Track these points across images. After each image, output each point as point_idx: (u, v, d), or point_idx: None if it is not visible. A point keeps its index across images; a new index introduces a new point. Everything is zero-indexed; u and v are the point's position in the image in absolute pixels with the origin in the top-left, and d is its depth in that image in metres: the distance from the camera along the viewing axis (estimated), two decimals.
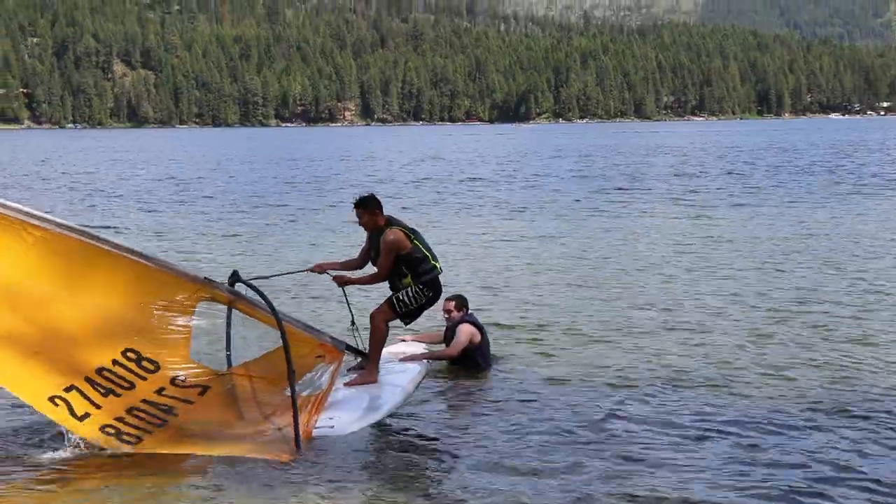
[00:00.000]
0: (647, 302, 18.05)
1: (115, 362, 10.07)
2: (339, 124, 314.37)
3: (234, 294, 10.69)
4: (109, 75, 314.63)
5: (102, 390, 10.11)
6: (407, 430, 11.65)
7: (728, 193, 41.26)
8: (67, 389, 9.97)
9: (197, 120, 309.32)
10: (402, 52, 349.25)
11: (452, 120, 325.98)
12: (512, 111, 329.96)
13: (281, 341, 10.56)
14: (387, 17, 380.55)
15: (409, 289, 12.49)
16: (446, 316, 14.32)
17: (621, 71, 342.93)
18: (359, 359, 12.71)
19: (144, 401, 10.25)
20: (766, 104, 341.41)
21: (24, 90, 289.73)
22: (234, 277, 10.88)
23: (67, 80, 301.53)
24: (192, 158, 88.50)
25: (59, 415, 10.08)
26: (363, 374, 12.49)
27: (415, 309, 12.62)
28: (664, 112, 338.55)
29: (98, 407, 10.14)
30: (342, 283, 12.71)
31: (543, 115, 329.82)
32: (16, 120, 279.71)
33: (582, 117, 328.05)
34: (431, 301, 12.68)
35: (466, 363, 13.89)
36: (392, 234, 12.21)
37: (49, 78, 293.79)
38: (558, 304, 18.04)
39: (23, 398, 10.25)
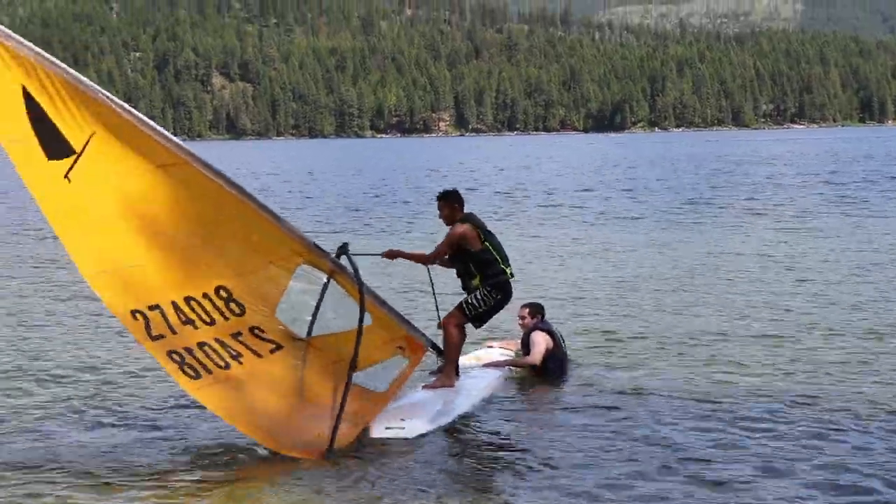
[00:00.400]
0: (735, 314, 17.72)
1: (205, 295, 10.44)
2: (433, 135, 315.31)
3: (336, 266, 11.02)
4: (208, 88, 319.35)
5: (183, 318, 10.41)
6: (479, 435, 11.75)
7: (823, 202, 40.58)
8: (151, 308, 10.26)
9: (293, 131, 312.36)
10: (496, 62, 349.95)
11: (547, 130, 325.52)
12: (607, 120, 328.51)
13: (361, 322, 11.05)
14: (481, 28, 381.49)
15: (478, 291, 12.56)
16: (521, 323, 14.42)
17: (718, 79, 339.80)
18: (440, 360, 12.91)
19: (218, 339, 10.54)
20: (868, 111, 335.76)
21: (127, 103, 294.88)
22: (342, 250, 11.20)
23: (168, 93, 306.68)
24: (288, 169, 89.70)
25: (134, 328, 10.38)
26: (440, 377, 12.64)
27: (484, 312, 12.67)
28: (763, 120, 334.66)
29: (174, 332, 10.40)
30: (391, 255, 12.76)
31: (639, 125, 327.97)
32: None
33: (678, 126, 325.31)
34: (500, 304, 12.72)
35: (542, 369, 13.93)
36: (461, 228, 12.36)
37: (150, 91, 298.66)
38: (642, 315, 17.88)
39: (107, 302, 10.46)
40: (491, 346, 14.79)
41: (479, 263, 12.56)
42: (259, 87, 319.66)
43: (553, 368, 14.00)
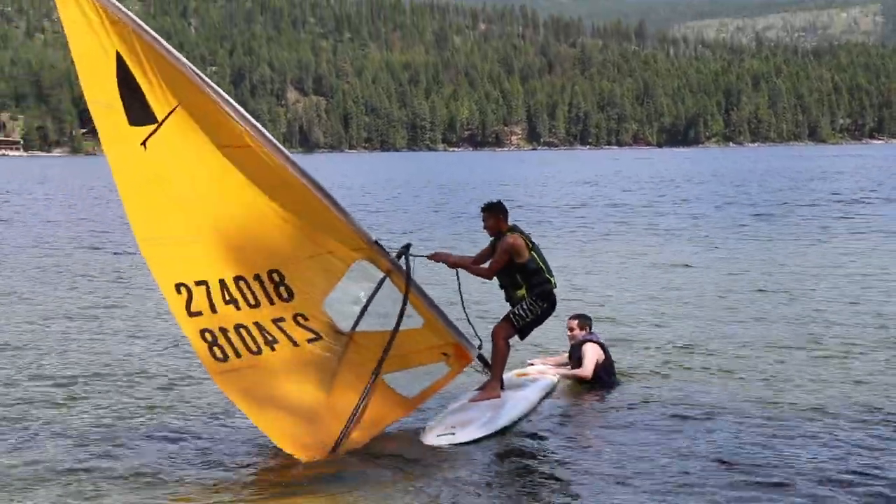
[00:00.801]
0: (788, 332, 17.30)
1: (256, 277, 10.70)
2: (505, 148, 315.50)
3: (394, 265, 11.33)
4: (283, 102, 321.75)
5: (227, 297, 10.61)
6: (526, 444, 11.84)
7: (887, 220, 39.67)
8: (198, 283, 10.51)
9: (366, 145, 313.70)
10: (569, 76, 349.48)
11: (619, 144, 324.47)
12: (681, 135, 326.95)
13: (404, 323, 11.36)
14: (554, 43, 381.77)
15: (524, 301, 12.64)
16: (569, 334, 14.44)
17: (795, 93, 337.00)
18: (486, 373, 12.87)
19: (257, 323, 10.70)
20: None
21: None
22: (404, 249, 11.55)
23: (244, 106, 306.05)
24: (359, 182, 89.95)
25: (174, 301, 10.58)
26: (487, 390, 12.65)
27: (531, 321, 12.76)
28: (840, 135, 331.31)
29: (213, 311, 10.56)
30: (438, 258, 12.57)
31: (713, 139, 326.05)
32: None
33: (753, 141, 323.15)
34: (546, 312, 12.80)
35: (593, 381, 13.92)
36: (512, 238, 12.40)
37: None
38: (700, 329, 17.69)
39: (154, 270, 10.70)
40: (532, 363, 14.62)
41: (526, 274, 12.62)
42: (332, 101, 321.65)
43: (605, 380, 13.99)
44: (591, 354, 13.99)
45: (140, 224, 10.50)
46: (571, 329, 14.44)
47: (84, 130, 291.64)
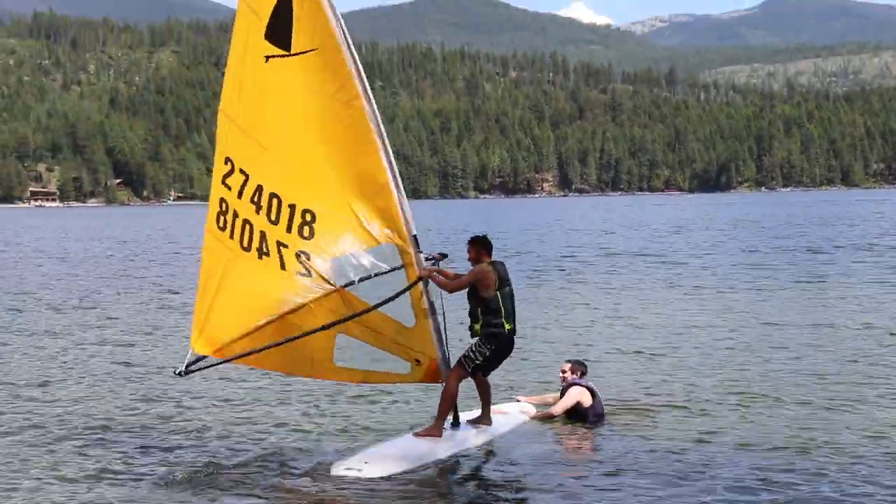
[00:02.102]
0: (775, 379, 16.84)
1: (291, 206, 12.13)
2: (536, 195, 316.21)
3: (417, 263, 12.27)
4: None
5: (255, 199, 12.23)
6: (504, 476, 12.14)
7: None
8: (242, 172, 12.34)
9: None
10: (600, 122, 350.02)
11: (651, 189, 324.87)
12: (712, 180, 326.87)
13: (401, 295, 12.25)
14: (585, 89, 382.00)
15: (474, 343, 12.82)
16: (561, 376, 14.84)
17: (827, 138, 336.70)
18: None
19: (262, 233, 12.19)
20: None
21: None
22: (441, 256, 12.85)
23: None
24: None
25: (217, 168, 12.47)
26: (429, 427, 12.86)
27: (481, 363, 12.88)
28: (874, 179, 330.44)
29: (239, 197, 12.30)
30: (428, 275, 12.54)
31: (745, 184, 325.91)
32: None
33: (785, 185, 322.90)
34: (496, 354, 12.89)
35: (578, 420, 14.19)
36: (482, 268, 12.70)
37: None
38: (695, 380, 17.14)
39: (219, 140, 12.61)
40: (518, 400, 14.97)
41: (485, 309, 12.73)
42: None
43: (592, 421, 14.18)
44: (570, 397, 14.33)
45: (226, 99, 12.47)
46: (564, 371, 14.81)
47: (118, 181, 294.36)
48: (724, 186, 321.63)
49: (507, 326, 12.79)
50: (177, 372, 12.61)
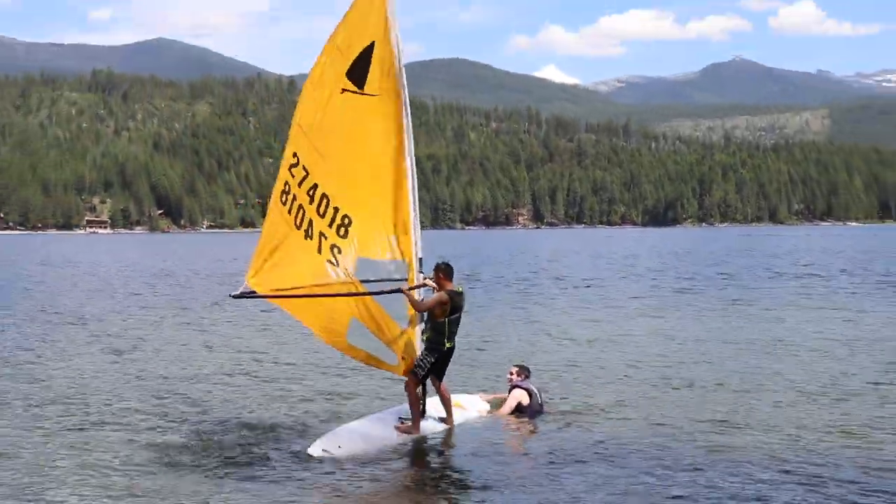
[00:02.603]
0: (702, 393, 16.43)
1: (336, 208, 13.05)
2: (513, 227, 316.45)
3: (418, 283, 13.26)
4: None
5: (310, 192, 13.05)
6: (448, 464, 12.57)
7: (803, 293, 37.95)
8: (304, 169, 13.10)
9: None
10: (567, 166, 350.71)
11: (610, 223, 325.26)
12: (661, 216, 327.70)
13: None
14: (555, 138, 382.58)
15: (420, 355, 13.24)
16: (508, 377, 15.16)
17: (757, 182, 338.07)
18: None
19: (311, 221, 13.03)
20: (886, 211, 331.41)
21: (259, 201, 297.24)
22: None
23: None
24: None
25: (286, 158, 13.24)
26: (408, 426, 13.35)
27: (427, 372, 13.25)
28: (795, 217, 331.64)
29: (298, 186, 13.10)
30: (405, 291, 13.20)
31: (689, 220, 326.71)
32: (253, 224, 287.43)
33: (723, 221, 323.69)
34: (437, 363, 13.23)
35: (522, 415, 14.51)
36: (441, 297, 13.10)
37: None
38: (623, 384, 17.19)
39: (289, 140, 13.27)
40: (479, 395, 15.33)
41: (433, 327, 13.14)
42: None
43: (531, 416, 14.46)
44: (513, 398, 14.71)
45: (301, 112, 13.15)
46: (511, 374, 15.11)
47: (160, 212, 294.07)
48: (671, 221, 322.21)
49: (447, 345, 13.23)
50: (231, 294, 13.37)
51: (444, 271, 13.30)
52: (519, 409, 14.62)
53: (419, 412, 13.39)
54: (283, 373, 18.64)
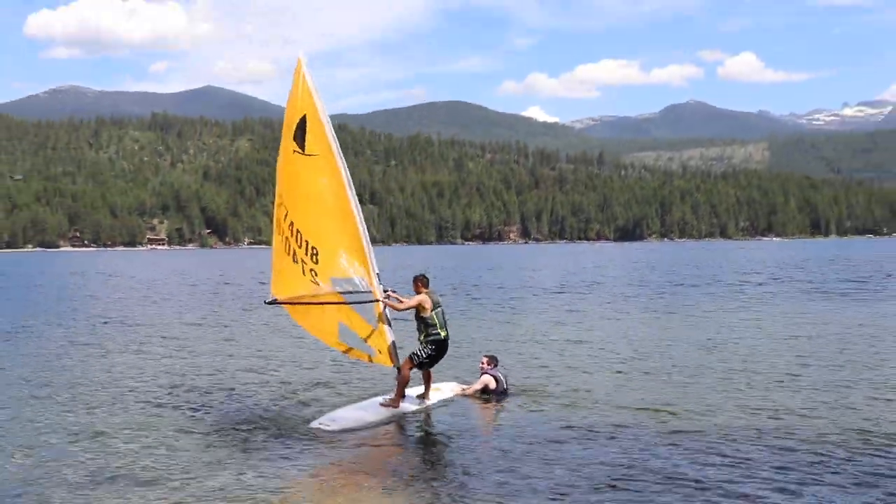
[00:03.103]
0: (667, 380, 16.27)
1: (306, 242, 13.74)
2: (505, 242, 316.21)
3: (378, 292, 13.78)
4: None
5: (294, 234, 13.86)
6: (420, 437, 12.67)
7: (739, 295, 38.45)
8: (287, 217, 13.97)
9: (406, 240, 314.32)
10: (550, 191, 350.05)
11: (587, 238, 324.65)
12: (630, 233, 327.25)
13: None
14: (539, 167, 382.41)
15: (421, 345, 13.65)
16: (480, 366, 15.33)
17: (710, 204, 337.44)
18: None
19: (295, 252, 13.91)
20: (817, 227, 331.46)
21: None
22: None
23: None
24: (398, 264, 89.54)
25: (277, 210, 14.17)
26: (391, 400, 13.73)
27: (425, 360, 13.71)
28: (742, 233, 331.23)
29: (279, 224, 14.08)
30: (385, 301, 13.74)
31: (653, 235, 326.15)
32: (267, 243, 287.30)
33: (681, 237, 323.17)
34: (437, 353, 13.72)
35: (487, 399, 14.59)
36: (422, 297, 13.73)
37: None
38: (583, 375, 16.88)
39: (277, 204, 14.19)
40: (455, 384, 15.44)
41: (425, 324, 13.61)
42: (383, 209, 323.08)
43: (497, 399, 14.50)
44: (480, 382, 14.92)
45: (280, 186, 14.07)
46: (482, 363, 15.27)
47: (208, 230, 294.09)
48: (638, 237, 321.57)
49: (442, 334, 13.65)
50: (265, 301, 14.30)
51: (420, 280, 13.94)
52: (486, 392, 14.78)
53: (402, 391, 13.72)
54: (290, 364, 18.92)
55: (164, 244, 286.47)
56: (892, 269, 59.12)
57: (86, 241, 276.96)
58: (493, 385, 14.85)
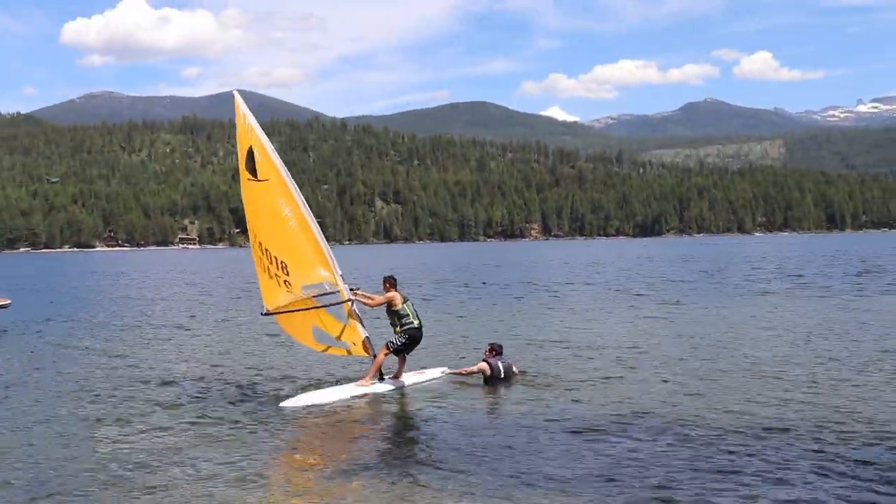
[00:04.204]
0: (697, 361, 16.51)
1: (276, 258, 14.92)
2: (526, 239, 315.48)
3: (346, 292, 15.03)
4: (372, 209, 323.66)
5: (263, 252, 15.14)
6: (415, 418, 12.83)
7: (758, 288, 38.09)
8: (256, 237, 15.34)
9: (429, 237, 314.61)
10: (570, 188, 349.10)
11: (606, 235, 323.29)
12: (649, 229, 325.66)
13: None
14: (560, 166, 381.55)
15: (397, 335, 14.63)
16: (485, 354, 15.46)
17: (727, 200, 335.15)
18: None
19: (268, 268, 15.21)
20: (833, 222, 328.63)
21: (319, 219, 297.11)
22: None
23: (345, 212, 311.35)
24: (420, 262, 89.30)
25: (253, 243, 15.47)
26: (364, 380, 14.70)
27: (400, 347, 14.65)
28: (758, 228, 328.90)
29: (255, 248, 15.38)
30: (354, 298, 14.99)
31: (671, 231, 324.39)
32: None
33: (699, 232, 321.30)
34: (411, 341, 14.71)
35: (487, 383, 14.82)
36: (390, 293, 14.78)
37: (334, 211, 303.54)
38: (586, 361, 16.89)
39: (249, 230, 15.42)
40: (438, 369, 16.01)
41: (398, 317, 14.62)
42: (406, 208, 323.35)
43: (492, 385, 14.70)
44: (476, 367, 15.12)
45: (245, 208, 15.36)
46: (486, 351, 15.44)
47: (238, 230, 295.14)
48: (657, 233, 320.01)
49: (415, 323, 14.63)
50: (262, 313, 15.40)
51: (388, 280, 15.03)
52: (484, 379, 14.94)
53: (375, 372, 14.67)
54: (276, 358, 19.26)
55: (195, 244, 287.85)
56: None
57: (119, 241, 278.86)
58: (488, 372, 14.92)
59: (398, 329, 14.58)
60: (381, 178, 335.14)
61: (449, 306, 31.65)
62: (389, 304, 14.66)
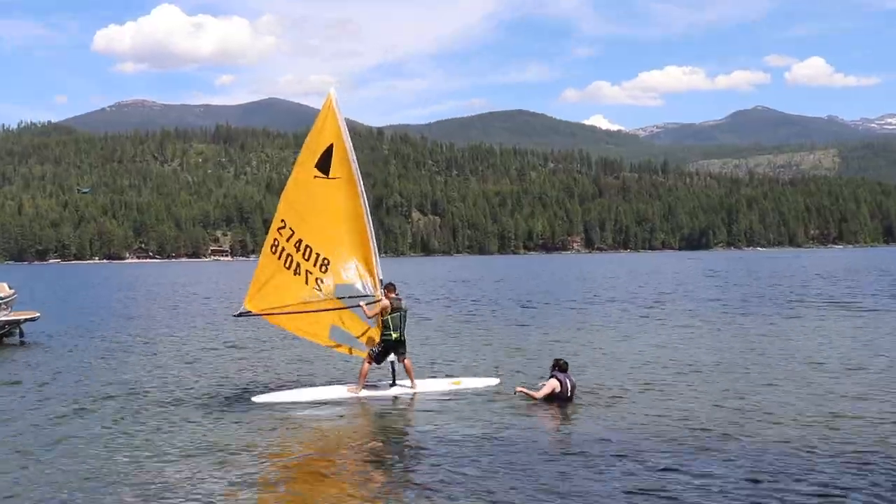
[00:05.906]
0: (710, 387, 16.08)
1: (318, 254, 15.94)
2: (568, 252, 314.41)
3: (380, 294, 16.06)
4: (409, 220, 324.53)
5: (297, 243, 15.89)
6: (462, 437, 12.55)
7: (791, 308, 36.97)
8: (291, 229, 16.08)
9: (468, 250, 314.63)
10: (614, 200, 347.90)
11: (651, 248, 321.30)
12: (696, 242, 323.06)
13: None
14: (603, 175, 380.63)
15: (377, 343, 15.80)
16: (550, 369, 15.38)
17: (778, 212, 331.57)
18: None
19: (298, 264, 15.94)
20: (890, 235, 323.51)
21: None
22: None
23: (381, 223, 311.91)
24: (460, 276, 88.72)
25: (271, 228, 16.20)
26: (352, 386, 16.03)
27: (377, 355, 15.79)
28: (811, 242, 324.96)
29: (287, 240, 16.00)
30: (362, 305, 15.88)
31: (719, 244, 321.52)
32: None
33: (748, 246, 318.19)
34: (384, 350, 15.79)
35: (553, 402, 14.66)
36: (384, 303, 15.75)
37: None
38: (652, 385, 16.60)
39: (277, 219, 16.31)
40: (447, 379, 16.94)
41: (383, 325, 15.70)
42: (444, 219, 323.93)
43: (559, 404, 14.57)
44: (548, 386, 14.89)
45: (287, 191, 16.21)
46: (552, 367, 15.33)
47: None
48: (704, 246, 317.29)
49: (394, 336, 15.68)
50: (234, 314, 16.25)
51: (387, 287, 16.00)
52: (553, 396, 14.81)
53: (363, 380, 15.89)
54: (270, 359, 20.79)
55: (227, 255, 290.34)
56: None
57: (150, 253, 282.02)
58: (558, 389, 14.85)
59: (380, 337, 15.78)
60: (418, 188, 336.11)
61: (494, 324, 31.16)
62: (382, 312, 15.73)
